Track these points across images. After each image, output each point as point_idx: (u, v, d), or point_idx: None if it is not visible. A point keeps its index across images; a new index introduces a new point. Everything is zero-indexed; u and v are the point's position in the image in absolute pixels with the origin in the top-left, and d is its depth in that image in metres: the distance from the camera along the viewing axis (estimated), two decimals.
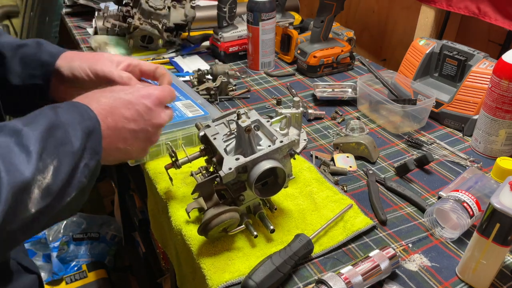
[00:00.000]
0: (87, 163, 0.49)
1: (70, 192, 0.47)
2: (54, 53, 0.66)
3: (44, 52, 0.66)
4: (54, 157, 0.45)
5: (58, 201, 0.46)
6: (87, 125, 0.49)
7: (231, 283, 0.64)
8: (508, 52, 0.84)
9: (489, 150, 0.92)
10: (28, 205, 0.42)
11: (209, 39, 1.40)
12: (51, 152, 0.45)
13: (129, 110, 0.55)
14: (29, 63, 0.65)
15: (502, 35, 1.11)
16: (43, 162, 0.43)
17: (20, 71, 0.66)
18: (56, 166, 0.45)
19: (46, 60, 0.65)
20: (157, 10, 1.26)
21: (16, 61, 0.66)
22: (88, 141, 0.49)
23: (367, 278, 0.61)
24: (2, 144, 0.42)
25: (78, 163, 0.47)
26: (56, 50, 0.66)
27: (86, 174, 0.49)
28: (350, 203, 0.76)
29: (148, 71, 0.67)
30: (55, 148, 0.45)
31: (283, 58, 1.37)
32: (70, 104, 0.51)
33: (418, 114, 0.99)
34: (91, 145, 0.49)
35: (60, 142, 0.46)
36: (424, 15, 1.23)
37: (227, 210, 0.65)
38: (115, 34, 1.40)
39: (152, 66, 0.67)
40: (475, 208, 0.70)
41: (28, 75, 0.65)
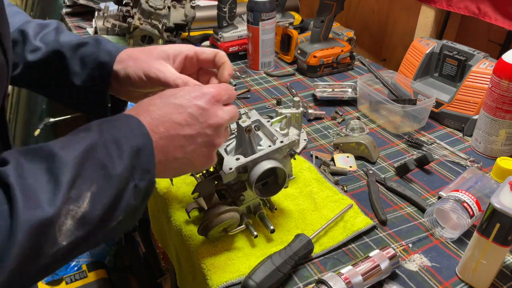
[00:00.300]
0: (137, 184, 0.45)
1: (117, 216, 0.44)
2: (112, 52, 0.62)
3: (102, 51, 0.63)
4: (91, 182, 0.41)
5: (101, 227, 0.43)
6: (135, 143, 0.45)
7: (231, 283, 0.64)
8: (508, 52, 0.84)
9: (489, 150, 0.92)
10: (57, 239, 0.39)
11: (209, 39, 1.40)
12: (88, 177, 0.41)
13: (181, 114, 0.50)
14: (88, 63, 0.63)
15: (502, 35, 1.11)
16: (77, 190, 0.40)
17: (80, 71, 0.63)
18: (94, 192, 0.41)
19: (104, 60, 0.62)
20: (157, 10, 1.26)
21: (76, 61, 0.63)
22: (137, 160, 0.45)
23: (367, 278, 0.61)
24: (31, 173, 0.39)
25: (125, 185, 0.44)
26: (114, 49, 0.63)
27: (135, 195, 0.45)
28: (350, 203, 0.76)
29: (206, 59, 0.62)
30: (93, 172, 0.42)
31: (283, 58, 1.37)
32: (120, 118, 0.48)
33: (418, 114, 0.99)
34: (141, 164, 0.45)
35: (100, 165, 0.42)
36: (424, 15, 1.23)
37: (227, 210, 0.65)
38: (115, 34, 1.40)
39: (211, 54, 0.62)
40: (475, 208, 0.70)
41: (87, 76, 0.63)
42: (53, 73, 0.65)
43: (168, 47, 0.62)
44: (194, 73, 0.66)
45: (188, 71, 0.63)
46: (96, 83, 0.63)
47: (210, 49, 0.63)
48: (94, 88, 0.64)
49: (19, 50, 0.65)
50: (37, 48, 0.64)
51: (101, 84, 0.63)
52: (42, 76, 0.66)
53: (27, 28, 0.66)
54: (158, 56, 0.61)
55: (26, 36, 0.65)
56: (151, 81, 0.60)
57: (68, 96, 0.67)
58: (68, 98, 0.67)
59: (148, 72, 0.59)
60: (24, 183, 0.38)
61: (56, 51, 0.64)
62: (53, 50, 0.64)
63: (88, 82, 0.63)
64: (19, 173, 0.38)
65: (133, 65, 0.61)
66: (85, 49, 0.63)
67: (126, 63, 0.61)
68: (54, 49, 0.64)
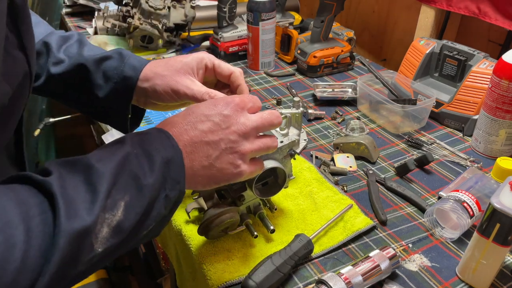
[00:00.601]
0: (168, 194, 0.47)
1: (148, 225, 0.46)
2: (137, 67, 0.64)
3: (127, 66, 0.64)
4: (125, 192, 0.43)
5: (133, 235, 0.44)
6: (165, 154, 0.47)
7: (231, 283, 0.64)
8: (508, 52, 0.84)
9: (489, 150, 0.92)
10: (93, 246, 0.41)
11: (209, 39, 1.40)
12: (122, 187, 0.43)
13: (205, 122, 0.52)
14: (112, 77, 0.65)
15: (502, 35, 1.11)
16: (112, 199, 0.42)
17: (103, 84, 0.65)
18: (128, 201, 0.43)
19: (129, 75, 0.64)
20: (157, 10, 1.26)
21: (99, 75, 0.65)
22: (168, 171, 0.47)
23: (367, 278, 0.61)
24: (72, 184, 0.41)
25: (156, 195, 0.46)
26: (138, 64, 0.65)
27: (166, 205, 0.47)
28: (350, 203, 0.76)
29: (221, 74, 0.64)
30: (127, 182, 0.44)
31: (283, 58, 1.37)
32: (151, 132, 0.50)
33: (418, 114, 0.99)
34: (171, 175, 0.47)
35: (133, 175, 0.44)
36: (424, 15, 1.23)
37: (227, 210, 0.65)
38: (115, 34, 1.40)
39: (226, 71, 0.64)
40: (475, 208, 0.70)
41: (110, 89, 0.65)
42: (76, 86, 0.67)
43: (190, 59, 0.64)
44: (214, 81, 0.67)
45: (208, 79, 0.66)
46: (119, 96, 0.65)
47: (226, 66, 0.64)
48: (117, 101, 0.66)
49: (43, 61, 0.67)
50: (60, 61, 0.66)
51: (124, 98, 0.65)
52: (64, 88, 0.68)
53: (50, 40, 0.68)
54: (183, 70, 0.62)
55: (50, 48, 0.67)
56: (179, 97, 0.62)
57: (90, 107, 0.69)
58: (90, 109, 0.70)
59: (176, 89, 0.61)
60: (66, 193, 0.40)
61: (79, 64, 0.65)
62: (76, 64, 0.66)
63: (111, 95, 0.65)
64: (61, 183, 0.40)
65: (160, 83, 0.62)
66: (109, 63, 0.65)
67: (153, 81, 0.63)
68: (78, 62, 0.66)
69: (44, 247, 0.37)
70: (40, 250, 0.37)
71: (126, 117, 0.68)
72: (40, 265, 0.37)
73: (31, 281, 0.37)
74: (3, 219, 0.36)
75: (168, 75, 0.62)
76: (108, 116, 0.69)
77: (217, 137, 0.52)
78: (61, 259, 0.37)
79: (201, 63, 0.64)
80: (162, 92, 0.62)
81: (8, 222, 0.36)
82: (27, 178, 0.41)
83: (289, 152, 0.67)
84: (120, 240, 0.43)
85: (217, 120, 0.52)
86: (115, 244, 0.42)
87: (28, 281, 0.36)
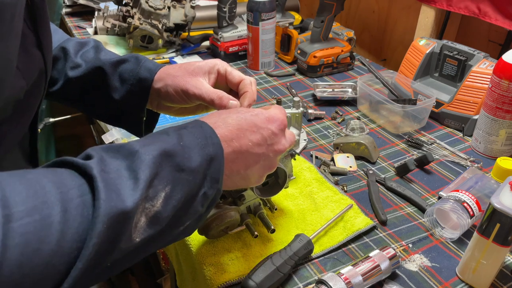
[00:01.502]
0: (206, 191, 0.46)
1: (185, 221, 0.45)
2: (152, 69, 0.65)
3: (142, 68, 0.66)
4: (167, 183, 0.43)
5: (170, 229, 0.44)
6: (209, 152, 0.47)
7: (231, 283, 0.64)
8: (508, 52, 0.84)
9: (489, 150, 0.92)
10: (131, 235, 0.40)
11: (209, 39, 1.40)
12: (164, 178, 0.43)
13: (255, 134, 0.52)
14: (128, 79, 0.66)
15: (502, 35, 1.11)
16: (154, 189, 0.41)
17: (119, 86, 0.67)
18: (168, 193, 0.43)
19: (144, 77, 0.65)
20: (157, 10, 1.26)
21: (115, 77, 0.67)
22: (209, 169, 0.46)
23: (367, 278, 0.61)
24: (113, 168, 0.40)
25: (197, 192, 0.45)
26: (154, 67, 0.66)
27: (203, 203, 0.47)
28: (350, 203, 0.76)
29: (231, 82, 0.65)
30: (170, 174, 0.43)
31: (283, 58, 1.37)
32: (197, 125, 0.49)
33: (418, 114, 0.99)
34: (212, 173, 0.47)
35: (176, 168, 0.44)
36: (424, 15, 1.23)
37: (227, 210, 0.65)
38: (115, 34, 1.40)
39: (237, 78, 0.64)
40: (475, 208, 0.70)
41: (126, 91, 0.66)
42: (93, 89, 0.69)
43: (203, 64, 0.65)
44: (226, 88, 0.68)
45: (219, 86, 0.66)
46: (134, 98, 0.66)
47: (238, 74, 0.65)
48: (132, 103, 0.67)
49: (60, 66, 0.69)
50: (78, 65, 0.68)
51: (139, 99, 0.66)
52: (81, 92, 0.69)
53: (67, 46, 0.69)
54: (194, 73, 0.64)
55: (67, 53, 0.69)
56: (188, 97, 0.63)
57: (105, 111, 0.70)
58: (105, 112, 0.71)
59: (185, 89, 0.62)
60: (107, 177, 0.39)
61: (97, 67, 0.67)
62: (94, 67, 0.67)
63: (127, 97, 0.67)
64: (102, 167, 0.39)
65: (171, 83, 0.64)
66: (125, 66, 0.67)
67: (165, 81, 0.64)
68: (95, 65, 0.67)
69: (81, 230, 0.36)
70: (78, 233, 0.36)
71: (141, 119, 0.69)
72: (77, 248, 0.36)
73: (66, 265, 0.36)
74: (40, 198, 0.35)
75: (180, 76, 0.64)
76: (123, 119, 0.70)
77: (261, 151, 0.52)
78: (99, 244, 0.36)
79: (214, 69, 0.65)
80: (173, 92, 0.63)
81: (45, 202, 0.35)
82: (68, 162, 0.40)
83: (290, 152, 0.67)
84: (156, 232, 0.42)
85: (266, 135, 0.53)
86: (151, 235, 0.42)
87: (63, 265, 0.36)
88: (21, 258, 0.33)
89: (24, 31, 0.46)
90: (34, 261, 0.34)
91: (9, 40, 0.42)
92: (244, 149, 0.51)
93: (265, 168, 0.55)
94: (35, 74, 0.49)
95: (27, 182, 0.36)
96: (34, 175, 0.37)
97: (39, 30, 0.49)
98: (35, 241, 0.34)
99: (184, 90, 0.62)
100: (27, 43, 0.47)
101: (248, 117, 0.53)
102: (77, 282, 0.36)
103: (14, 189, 0.35)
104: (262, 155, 0.53)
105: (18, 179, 0.36)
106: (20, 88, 0.46)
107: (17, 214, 0.33)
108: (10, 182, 0.35)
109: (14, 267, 0.32)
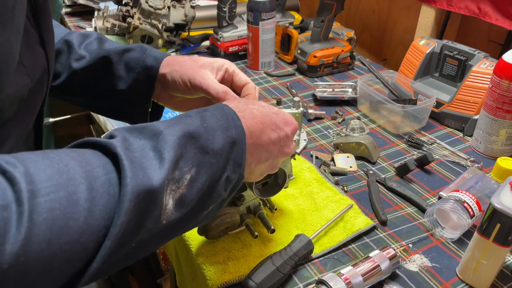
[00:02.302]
0: (229, 175, 0.46)
1: (208, 205, 0.45)
2: (158, 58, 0.65)
3: (148, 56, 0.65)
4: (192, 166, 0.42)
5: (195, 213, 0.44)
6: (232, 135, 0.46)
7: (231, 283, 0.64)
8: (509, 52, 0.84)
9: (489, 150, 0.92)
10: (160, 217, 0.39)
11: (209, 39, 1.39)
12: (189, 160, 0.42)
13: (274, 132, 0.52)
14: (134, 67, 0.65)
15: (503, 35, 1.11)
16: (180, 171, 0.41)
17: (125, 75, 0.66)
18: (193, 175, 0.42)
19: (151, 65, 0.64)
20: (157, 10, 1.26)
21: (121, 66, 0.66)
22: (231, 152, 0.46)
23: (367, 279, 0.61)
24: (138, 148, 0.39)
25: (220, 175, 0.45)
26: (160, 55, 0.65)
27: (226, 187, 0.46)
28: (351, 203, 0.76)
29: (236, 83, 0.65)
30: (194, 156, 0.43)
31: (283, 58, 1.37)
32: (218, 108, 0.49)
33: (418, 114, 0.99)
34: (234, 157, 0.46)
35: (200, 150, 0.43)
36: (424, 15, 1.23)
37: (227, 210, 0.65)
38: (115, 34, 1.40)
39: (242, 81, 0.64)
40: (476, 208, 0.70)
41: (132, 80, 0.65)
42: (98, 79, 0.67)
43: (213, 60, 0.65)
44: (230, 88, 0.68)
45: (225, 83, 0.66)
46: (141, 86, 0.65)
47: (244, 76, 0.65)
48: (138, 92, 0.66)
49: (64, 59, 0.68)
50: (82, 57, 0.67)
51: (146, 88, 0.66)
52: (85, 84, 0.68)
53: (71, 38, 0.69)
54: (204, 66, 0.63)
55: (71, 46, 0.68)
56: (194, 87, 0.62)
57: (109, 103, 0.69)
58: (109, 105, 0.69)
59: (193, 79, 0.62)
60: (132, 155, 0.38)
61: (102, 57, 0.66)
62: (99, 57, 0.66)
63: (133, 86, 0.66)
64: (127, 146, 0.39)
65: (179, 70, 0.63)
66: (131, 54, 0.66)
67: (172, 67, 0.64)
68: (101, 55, 0.66)
69: (109, 209, 0.36)
70: (106, 210, 0.35)
71: (146, 111, 0.68)
72: (105, 227, 0.35)
73: (96, 243, 0.35)
74: (65, 175, 0.34)
75: (188, 65, 0.63)
76: (128, 111, 0.69)
77: (275, 150, 0.53)
78: (126, 222, 0.36)
79: (223, 66, 0.64)
80: (179, 79, 0.63)
81: (71, 179, 0.34)
82: (91, 142, 0.40)
83: None
84: (182, 215, 0.41)
85: (282, 135, 0.53)
86: (177, 219, 0.41)
87: (93, 243, 0.35)
88: (49, 234, 0.32)
89: (27, 28, 0.46)
90: (62, 238, 0.33)
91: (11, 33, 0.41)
92: (262, 144, 0.51)
93: (270, 168, 0.55)
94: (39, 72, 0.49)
95: (51, 160, 0.35)
96: (57, 154, 0.36)
97: (42, 27, 0.49)
98: (62, 217, 0.33)
99: (191, 79, 0.62)
100: (30, 40, 0.47)
101: (270, 114, 0.53)
102: (105, 261, 0.36)
103: (38, 166, 0.34)
104: (273, 154, 0.53)
105: (41, 157, 0.35)
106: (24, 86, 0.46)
107: (43, 190, 0.33)
108: (33, 160, 0.34)
109: (43, 244, 0.32)
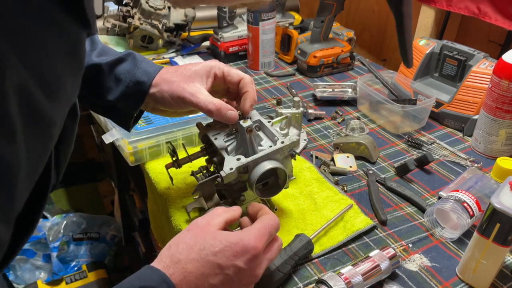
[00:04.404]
0: None
1: None
2: (150, 73, 0.64)
3: (139, 70, 0.64)
4: None
5: None
6: None
7: None
8: (508, 52, 0.84)
9: (489, 150, 0.92)
10: None
11: (209, 39, 1.40)
12: None
13: (217, 276, 0.49)
14: (124, 80, 0.64)
15: (502, 35, 1.11)
16: None
17: (114, 87, 0.65)
18: None
19: (142, 80, 0.64)
20: (157, 10, 1.26)
21: (112, 78, 0.65)
22: None
23: (367, 278, 0.61)
24: None
25: None
26: (152, 69, 0.65)
27: None
28: (350, 203, 0.76)
29: (231, 82, 0.64)
30: None
31: (283, 58, 1.37)
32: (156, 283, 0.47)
33: (418, 114, 0.99)
34: None
35: None
36: (424, 15, 1.23)
37: None
38: (115, 34, 1.40)
39: (236, 78, 0.63)
40: (475, 208, 0.70)
41: (121, 93, 0.64)
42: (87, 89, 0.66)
43: (199, 68, 0.64)
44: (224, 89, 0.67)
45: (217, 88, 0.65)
46: (129, 99, 0.65)
47: (236, 72, 0.64)
48: (125, 104, 0.66)
49: None
50: None
51: (134, 101, 0.65)
52: None
53: None
54: (191, 78, 0.63)
55: None
56: (184, 104, 0.62)
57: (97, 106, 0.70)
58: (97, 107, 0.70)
59: (182, 96, 0.62)
60: None
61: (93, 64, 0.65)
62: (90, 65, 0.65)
63: (121, 98, 0.65)
64: None
65: (167, 89, 0.63)
66: (122, 66, 0.65)
67: (160, 86, 0.63)
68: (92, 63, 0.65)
69: None
70: None
71: (131, 116, 0.68)
72: None
73: None
74: None
75: (176, 82, 0.63)
76: (114, 115, 0.69)
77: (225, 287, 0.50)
78: None
79: (211, 72, 0.64)
80: (169, 98, 0.62)
81: None
82: None
83: (290, 153, 0.67)
84: None
85: (230, 274, 0.50)
86: None
87: None
88: None
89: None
90: None
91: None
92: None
93: None
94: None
95: None
96: None
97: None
98: None
99: (180, 97, 0.62)
100: None
101: (211, 257, 0.49)
102: None
103: None
104: None
105: None
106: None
107: None
108: None
109: None
